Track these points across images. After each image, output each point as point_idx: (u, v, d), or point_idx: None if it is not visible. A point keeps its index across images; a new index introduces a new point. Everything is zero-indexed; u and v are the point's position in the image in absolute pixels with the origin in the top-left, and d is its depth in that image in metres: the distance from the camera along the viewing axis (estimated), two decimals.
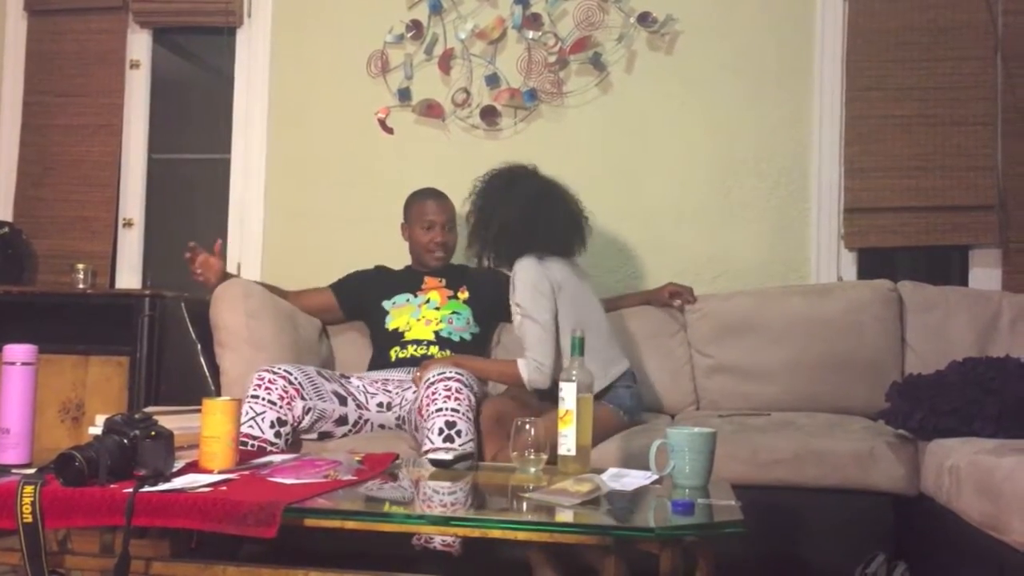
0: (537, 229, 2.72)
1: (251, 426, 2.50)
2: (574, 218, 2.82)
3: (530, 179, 2.84)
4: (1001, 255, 3.31)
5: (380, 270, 3.23)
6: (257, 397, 2.55)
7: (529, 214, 2.73)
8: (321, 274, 3.29)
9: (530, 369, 2.63)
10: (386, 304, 3.07)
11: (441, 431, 2.44)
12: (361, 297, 3.14)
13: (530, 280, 2.66)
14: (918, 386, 2.48)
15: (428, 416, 2.48)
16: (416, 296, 3.07)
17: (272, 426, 2.52)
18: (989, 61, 3.30)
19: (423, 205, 3.16)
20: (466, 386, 2.53)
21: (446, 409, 2.47)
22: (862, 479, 2.46)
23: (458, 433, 2.44)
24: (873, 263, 3.42)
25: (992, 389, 2.33)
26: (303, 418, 2.60)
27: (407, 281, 3.13)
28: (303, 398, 2.60)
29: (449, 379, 2.52)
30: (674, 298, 3.18)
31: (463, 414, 2.47)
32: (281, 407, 2.55)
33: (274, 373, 2.59)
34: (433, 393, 2.50)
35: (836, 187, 3.38)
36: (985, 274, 3.34)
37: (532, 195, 2.77)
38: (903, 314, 3.06)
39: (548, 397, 2.58)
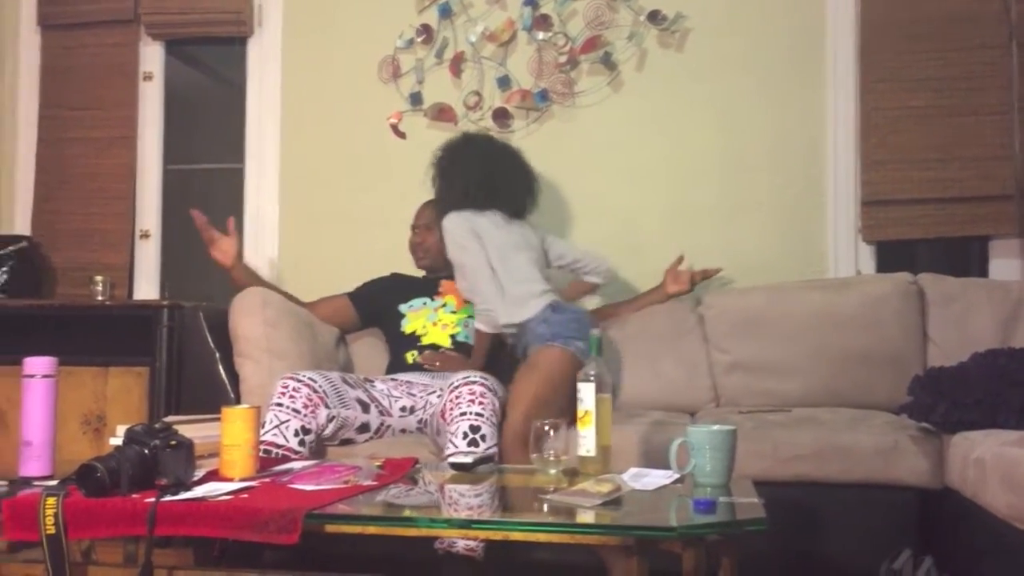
0: (494, 189, 2.96)
1: (275, 434, 2.49)
2: (526, 178, 3.06)
3: (481, 143, 3.09)
4: (1021, 245, 3.28)
5: (396, 276, 3.23)
6: (281, 405, 2.53)
7: (486, 174, 2.96)
8: (338, 280, 3.30)
9: (479, 318, 2.87)
10: (403, 308, 3.07)
11: (465, 435, 2.43)
12: (378, 303, 3.14)
13: (455, 232, 2.89)
14: (940, 379, 2.46)
15: (452, 420, 2.47)
16: (433, 300, 3.07)
17: (296, 434, 2.51)
18: (1004, 50, 3.27)
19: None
20: (491, 391, 2.52)
21: (470, 413, 2.46)
22: (886, 473, 2.44)
23: (482, 438, 2.43)
24: (891, 256, 3.39)
25: (1015, 381, 2.30)
26: (327, 426, 2.59)
27: (424, 286, 3.13)
28: (327, 406, 2.59)
29: (474, 383, 2.52)
30: (675, 285, 3.16)
31: (487, 419, 2.47)
32: (305, 415, 2.54)
33: (298, 381, 2.58)
34: (457, 397, 2.50)
35: (852, 180, 3.36)
36: (1005, 264, 3.31)
37: (485, 157, 3.02)
38: (924, 307, 3.03)
39: (505, 349, 2.93)
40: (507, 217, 2.98)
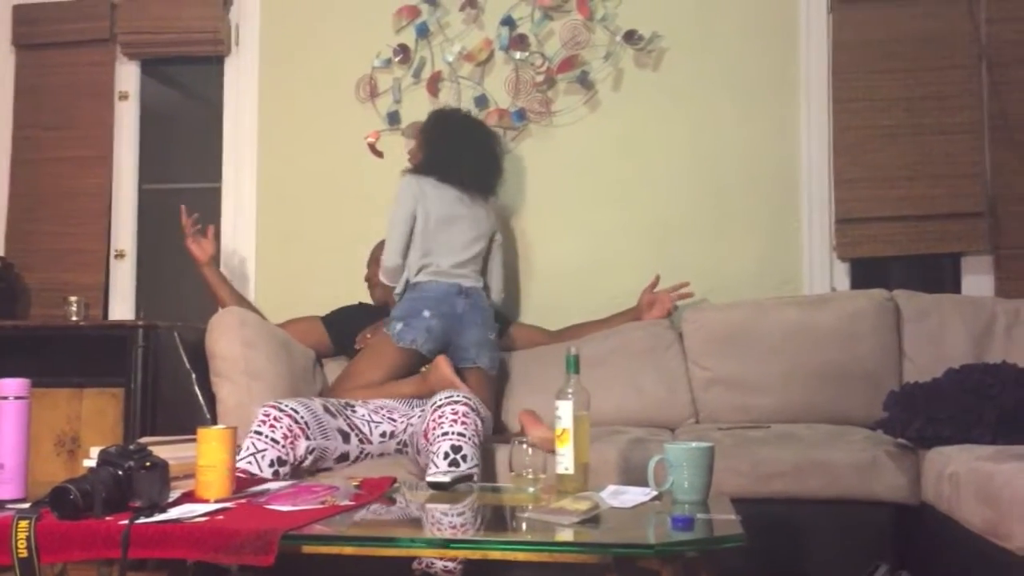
0: (445, 159, 3.09)
1: (250, 462, 2.45)
2: (483, 158, 3.17)
3: (458, 118, 3.24)
4: (992, 261, 3.32)
5: (363, 306, 3.27)
6: (260, 433, 2.49)
7: (447, 145, 3.11)
8: (314, 299, 3.29)
9: (382, 270, 3.09)
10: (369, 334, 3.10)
11: (447, 455, 2.41)
12: (347, 328, 3.15)
13: (398, 194, 3.07)
14: (915, 395, 2.48)
15: (434, 440, 2.45)
16: None
17: (271, 465, 2.48)
18: (974, 70, 3.32)
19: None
20: (473, 410, 2.51)
21: (452, 433, 2.44)
22: (863, 489, 2.45)
23: (464, 458, 2.41)
24: (865, 273, 3.43)
25: (989, 396, 2.33)
26: (306, 457, 2.57)
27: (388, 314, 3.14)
28: (308, 438, 2.55)
29: (457, 403, 2.50)
30: (651, 309, 3.19)
31: (469, 439, 2.45)
32: (284, 446, 2.50)
33: (280, 411, 2.53)
34: (440, 416, 2.47)
35: (826, 198, 3.40)
36: (977, 281, 3.35)
37: (454, 130, 3.17)
38: (899, 323, 3.05)
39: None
40: (471, 196, 3.12)
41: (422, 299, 2.94)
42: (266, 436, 2.49)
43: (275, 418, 2.52)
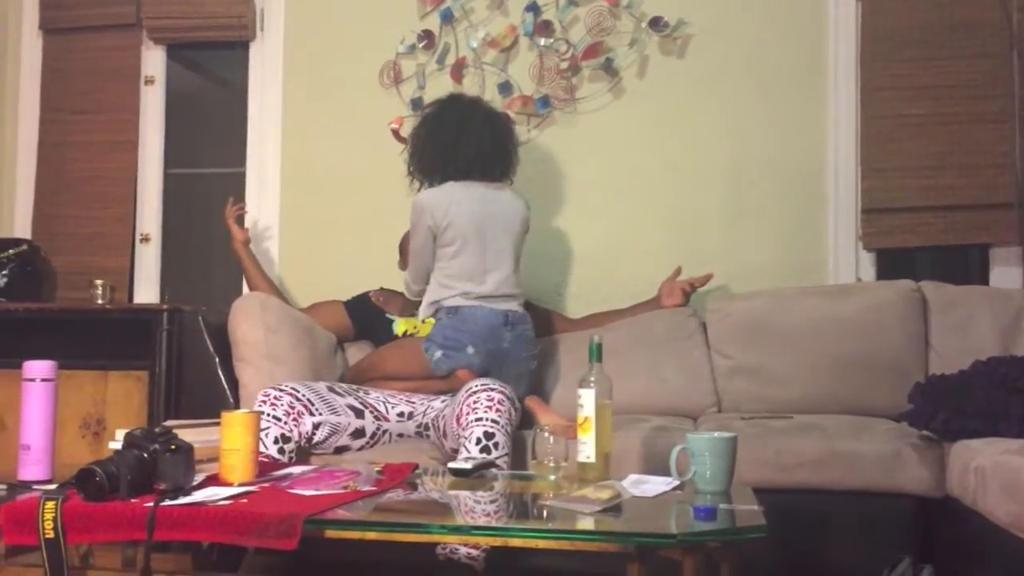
0: (450, 155, 2.91)
1: None
2: (493, 145, 2.96)
3: (454, 106, 3.02)
4: (1021, 253, 3.28)
5: (384, 291, 3.27)
6: (262, 412, 2.52)
7: (445, 140, 2.93)
8: (338, 284, 3.30)
9: (404, 283, 3.01)
10: (391, 315, 3.12)
11: (479, 441, 2.41)
12: (370, 311, 3.17)
13: (414, 215, 2.88)
14: (941, 387, 2.46)
15: (467, 425, 2.45)
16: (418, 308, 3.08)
17: (276, 442, 2.51)
18: (1004, 58, 3.28)
19: None
20: (508, 399, 2.51)
21: (487, 420, 2.44)
22: (887, 481, 2.44)
23: (495, 445, 2.41)
24: (892, 264, 3.40)
25: (1017, 389, 2.30)
26: (314, 433, 2.58)
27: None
28: (312, 413, 2.58)
29: (492, 390, 2.50)
30: (669, 299, 3.17)
31: (503, 426, 2.45)
32: (287, 423, 2.53)
33: (280, 390, 2.58)
34: (475, 402, 2.47)
35: (853, 188, 3.36)
36: (1006, 272, 3.31)
37: (452, 122, 2.96)
38: (926, 314, 3.03)
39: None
40: (489, 183, 2.93)
41: (467, 332, 2.76)
42: (268, 414, 2.53)
43: (275, 397, 2.56)
